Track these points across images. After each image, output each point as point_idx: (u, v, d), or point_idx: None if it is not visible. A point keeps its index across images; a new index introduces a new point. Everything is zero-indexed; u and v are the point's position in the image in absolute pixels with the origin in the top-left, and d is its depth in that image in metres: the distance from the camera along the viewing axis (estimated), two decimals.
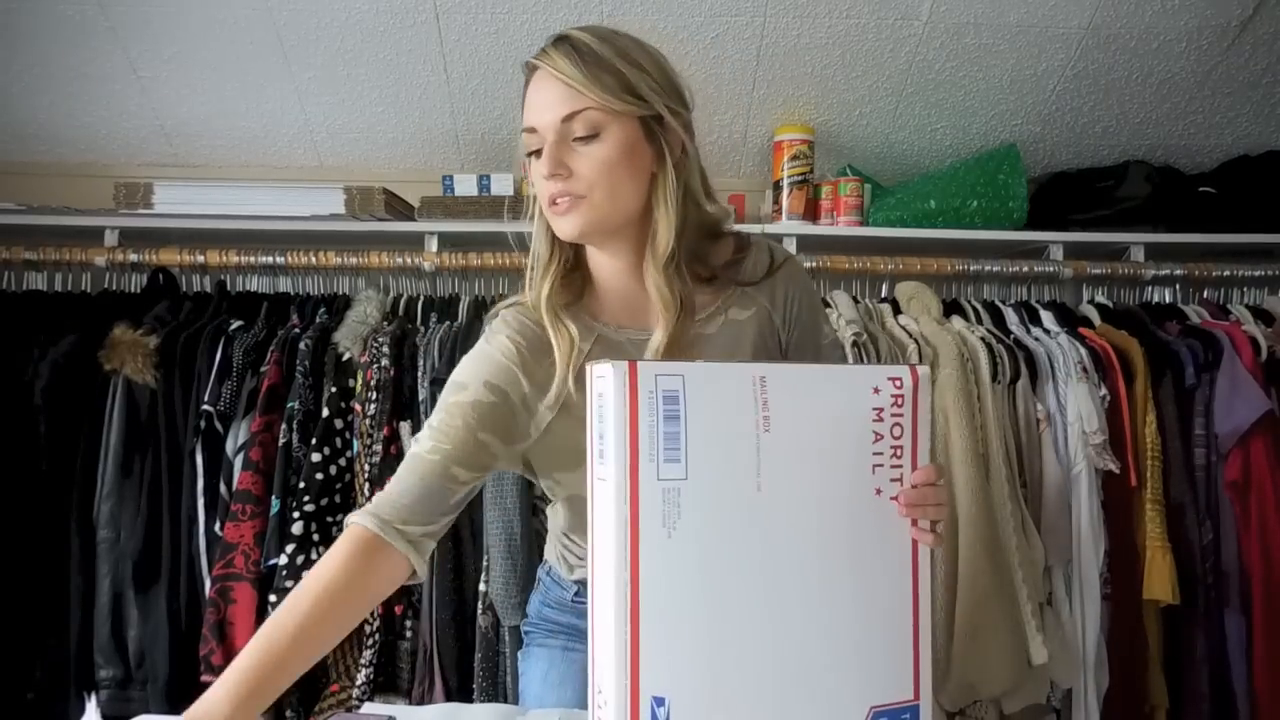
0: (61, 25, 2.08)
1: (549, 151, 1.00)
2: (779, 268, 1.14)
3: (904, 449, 0.86)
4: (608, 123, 1.00)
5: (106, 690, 1.84)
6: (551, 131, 1.01)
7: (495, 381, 1.06)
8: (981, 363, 1.92)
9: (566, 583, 1.25)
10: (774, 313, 1.14)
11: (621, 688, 0.77)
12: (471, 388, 1.06)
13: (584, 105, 0.99)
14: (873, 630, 0.85)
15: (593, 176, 1.00)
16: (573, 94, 0.99)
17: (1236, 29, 2.15)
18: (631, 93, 1.00)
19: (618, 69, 1.00)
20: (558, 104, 1.00)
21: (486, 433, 1.04)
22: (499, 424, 1.05)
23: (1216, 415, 1.96)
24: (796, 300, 1.14)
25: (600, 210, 1.02)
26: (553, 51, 1.02)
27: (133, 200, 2.12)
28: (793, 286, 1.15)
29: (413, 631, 1.85)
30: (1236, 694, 1.91)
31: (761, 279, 1.13)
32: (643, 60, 1.03)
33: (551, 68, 1.01)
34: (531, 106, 1.04)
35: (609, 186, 1.01)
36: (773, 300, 1.13)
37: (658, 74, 1.04)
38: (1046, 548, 1.88)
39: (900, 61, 2.20)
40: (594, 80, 0.99)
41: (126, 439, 1.89)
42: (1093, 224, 2.29)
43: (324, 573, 0.97)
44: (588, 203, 1.01)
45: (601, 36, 1.02)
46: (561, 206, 1.02)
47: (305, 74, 2.20)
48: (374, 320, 2.02)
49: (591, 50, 1.00)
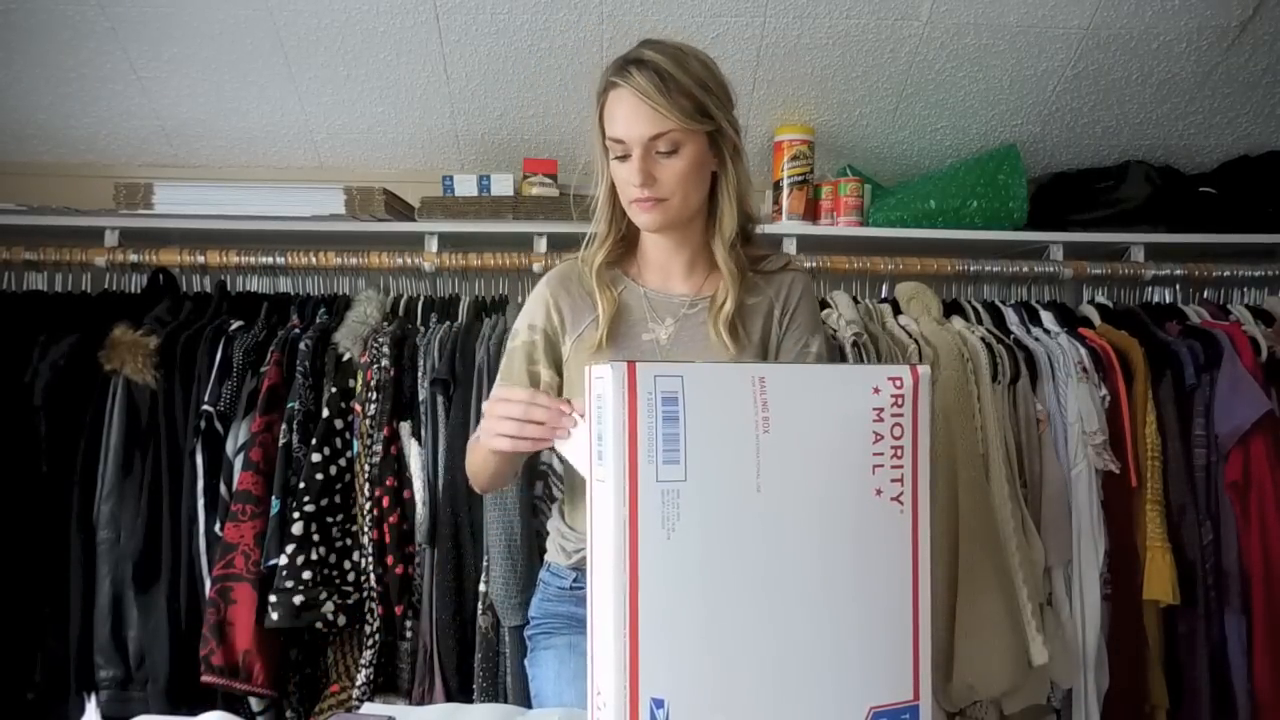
0: (61, 25, 2.08)
1: (639, 164, 1.19)
2: (792, 269, 1.36)
3: (904, 449, 0.86)
4: (685, 140, 1.20)
5: (106, 690, 1.84)
6: (639, 146, 1.19)
7: (535, 322, 1.33)
8: (981, 363, 1.92)
9: (564, 570, 1.32)
10: (776, 306, 1.32)
11: (621, 689, 0.77)
12: (521, 333, 1.33)
13: (668, 128, 1.18)
14: (872, 630, 0.85)
15: (673, 184, 1.21)
16: (658, 117, 1.17)
17: (1236, 29, 2.14)
18: (704, 114, 1.20)
19: (693, 93, 1.19)
20: (645, 123, 1.18)
21: (536, 365, 1.31)
22: (546, 354, 1.32)
23: (1216, 415, 1.96)
24: (798, 304, 1.33)
25: (677, 210, 1.24)
26: (637, 74, 1.18)
27: (133, 200, 2.12)
28: (798, 289, 1.33)
29: (413, 632, 1.85)
30: (1236, 694, 1.91)
31: (775, 270, 1.34)
32: (708, 80, 1.21)
33: (639, 91, 1.17)
34: (619, 120, 1.20)
35: (684, 192, 1.22)
36: (778, 295, 1.32)
37: (718, 89, 1.23)
38: (1046, 548, 1.88)
39: (900, 61, 2.20)
40: (675, 106, 1.17)
41: (127, 439, 1.89)
42: (1093, 224, 2.29)
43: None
44: (668, 204, 1.22)
45: (674, 59, 1.19)
46: (646, 206, 1.22)
47: (305, 74, 2.20)
48: (374, 320, 2.02)
49: (671, 76, 1.18)
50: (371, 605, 1.82)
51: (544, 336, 1.31)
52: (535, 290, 1.36)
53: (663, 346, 1.27)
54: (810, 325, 1.33)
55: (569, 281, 1.33)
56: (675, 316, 1.29)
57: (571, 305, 1.31)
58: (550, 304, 1.32)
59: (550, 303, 1.32)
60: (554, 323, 1.31)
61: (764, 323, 1.31)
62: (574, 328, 1.30)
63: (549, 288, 1.34)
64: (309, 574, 1.75)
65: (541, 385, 1.31)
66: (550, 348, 1.32)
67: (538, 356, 1.31)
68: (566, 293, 1.32)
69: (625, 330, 1.28)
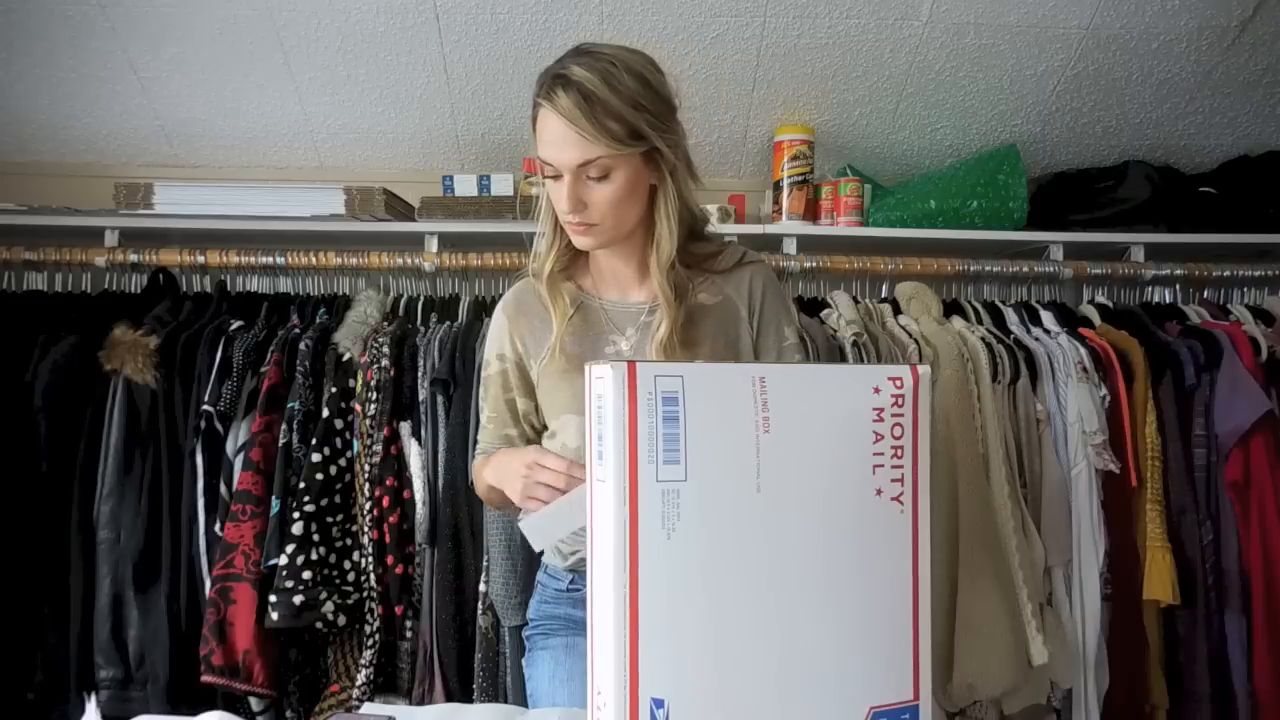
0: (61, 25, 2.08)
1: (567, 191, 1.15)
2: (749, 262, 1.31)
3: (904, 449, 0.86)
4: (616, 165, 1.14)
5: (106, 691, 1.84)
6: (568, 172, 1.14)
7: (502, 351, 1.32)
8: (981, 363, 1.92)
9: (561, 572, 1.32)
10: (740, 304, 1.29)
11: (621, 689, 0.77)
12: (492, 363, 1.34)
13: (596, 155, 1.12)
14: (872, 630, 0.85)
15: (604, 209, 1.17)
16: (585, 143, 1.12)
17: (1236, 29, 2.15)
18: (635, 136, 1.13)
19: (623, 116, 1.11)
20: (572, 149, 1.12)
21: (511, 393, 1.33)
22: (518, 382, 1.32)
23: (1216, 415, 1.96)
24: (764, 299, 1.29)
25: (609, 233, 1.20)
26: (562, 95, 1.11)
27: (133, 200, 2.12)
28: (759, 282, 1.30)
29: (413, 632, 1.85)
30: (1236, 694, 1.91)
31: (730, 268, 1.29)
32: (641, 97, 1.13)
33: (564, 116, 1.11)
34: (547, 143, 1.15)
35: (617, 216, 1.18)
36: (739, 292, 1.29)
37: (653, 105, 1.15)
38: (1046, 548, 1.88)
39: (900, 61, 2.20)
40: (603, 131, 1.11)
41: (127, 439, 1.89)
42: (1093, 224, 2.29)
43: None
44: (600, 228, 1.19)
45: (604, 76, 1.11)
46: (579, 230, 1.19)
47: (305, 74, 2.20)
48: (374, 320, 2.02)
49: (597, 97, 1.10)
50: (371, 605, 1.82)
51: (513, 365, 1.32)
52: (494, 318, 1.35)
53: (626, 357, 1.26)
54: (781, 316, 1.31)
55: (524, 304, 1.32)
56: (635, 325, 1.27)
57: (530, 330, 1.30)
58: (510, 333, 1.32)
59: (510, 331, 1.32)
60: (518, 350, 1.31)
61: (729, 323, 1.28)
62: (537, 353, 1.29)
63: (506, 315, 1.33)
64: (309, 574, 1.75)
65: (520, 413, 1.33)
66: (521, 374, 1.32)
67: (511, 385, 1.32)
68: (524, 316, 1.31)
69: (589, 345, 1.27)
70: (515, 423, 1.34)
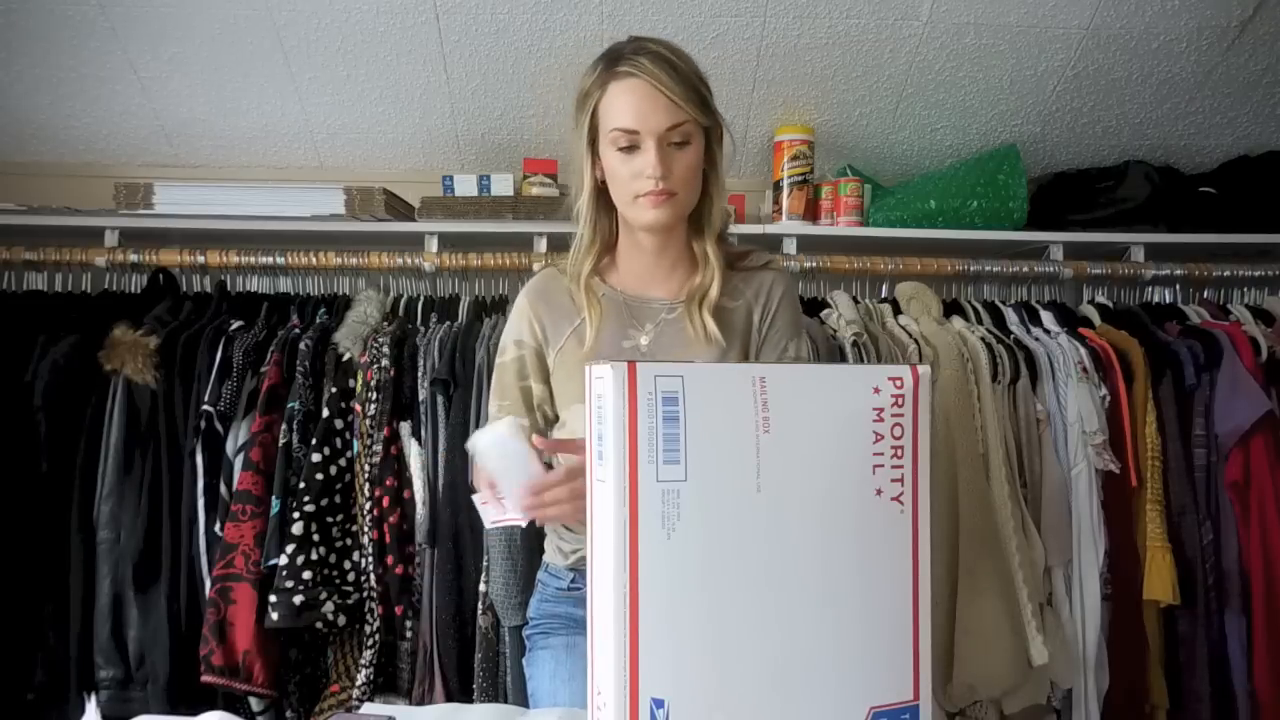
0: (61, 25, 2.08)
1: (658, 155, 1.16)
2: (774, 268, 1.33)
3: (904, 449, 0.86)
4: (694, 132, 1.19)
5: (106, 691, 1.84)
6: (652, 136, 1.16)
7: (521, 337, 1.32)
8: (981, 363, 1.92)
9: (562, 571, 1.32)
10: (755, 308, 1.29)
11: (621, 689, 0.77)
12: (509, 349, 1.33)
13: (683, 119, 1.17)
14: (872, 630, 0.85)
15: (684, 177, 1.19)
16: (674, 108, 1.16)
17: (1236, 29, 2.14)
18: (708, 109, 1.20)
19: (697, 86, 1.18)
20: (662, 113, 1.16)
21: (527, 379, 1.32)
22: (535, 369, 1.31)
23: (1217, 415, 1.96)
24: (778, 307, 1.30)
25: (683, 204, 1.22)
26: (649, 62, 1.16)
27: (133, 200, 2.12)
28: (778, 290, 1.31)
29: (413, 632, 1.85)
30: (1236, 694, 1.91)
31: (755, 268, 1.31)
32: (703, 75, 1.21)
33: (654, 80, 1.15)
34: (628, 110, 1.17)
35: (692, 186, 1.22)
36: (756, 297, 1.30)
37: (708, 87, 1.22)
38: (1046, 548, 1.88)
39: (900, 62, 2.20)
40: (689, 95, 1.16)
41: (127, 439, 1.89)
42: (1093, 224, 2.29)
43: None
44: (678, 199, 1.20)
45: (675, 51, 1.18)
46: (659, 199, 1.18)
47: (305, 74, 2.20)
48: (374, 320, 2.02)
49: (678, 66, 1.17)
50: (371, 605, 1.82)
51: (531, 352, 1.32)
52: (516, 304, 1.35)
53: (644, 352, 1.26)
54: (790, 329, 1.31)
55: (548, 293, 1.33)
56: (655, 321, 1.28)
57: (552, 318, 1.31)
58: (531, 318, 1.32)
59: (531, 316, 1.32)
60: (537, 336, 1.31)
61: (743, 326, 1.29)
62: (555, 341, 1.30)
63: (529, 301, 1.33)
64: (309, 574, 1.75)
65: (535, 400, 1.32)
66: (538, 362, 1.32)
67: (527, 372, 1.32)
68: (546, 305, 1.31)
69: (606, 338, 1.27)
70: (529, 411, 1.33)
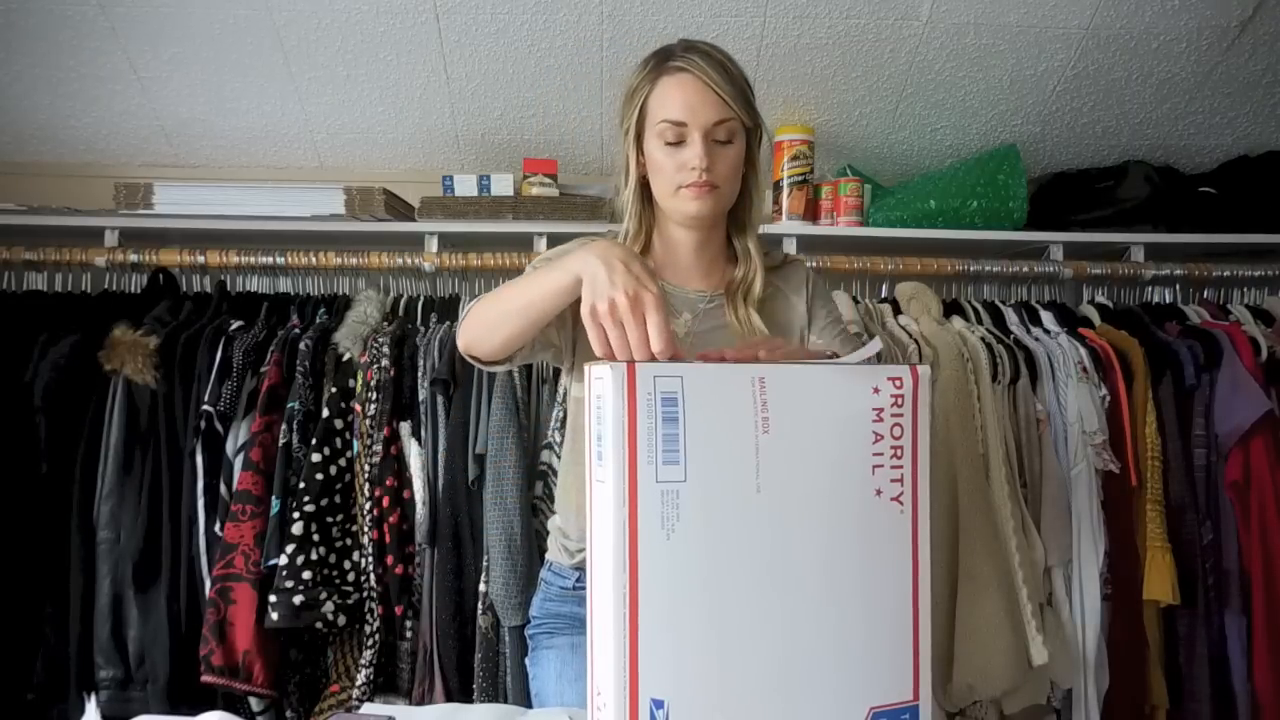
0: (61, 25, 2.08)
1: (704, 148, 1.20)
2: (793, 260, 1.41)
3: (904, 449, 0.86)
4: (738, 131, 1.23)
5: (106, 690, 1.84)
6: (699, 130, 1.20)
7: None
8: (981, 363, 1.92)
9: (566, 570, 1.31)
10: (793, 294, 1.35)
11: (621, 690, 0.77)
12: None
13: (730, 116, 1.20)
14: (872, 631, 0.85)
15: (726, 172, 1.23)
16: (722, 104, 1.20)
17: (1236, 29, 2.14)
18: (752, 110, 1.24)
19: (744, 87, 1.23)
20: (711, 108, 1.20)
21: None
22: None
23: (1217, 415, 1.96)
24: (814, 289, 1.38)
25: (725, 199, 1.26)
26: (701, 60, 1.20)
27: (133, 200, 2.12)
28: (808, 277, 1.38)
29: (413, 632, 1.85)
30: (1236, 694, 1.91)
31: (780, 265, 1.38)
32: (750, 80, 1.25)
33: (705, 76, 1.19)
34: (678, 103, 1.21)
35: (734, 181, 1.26)
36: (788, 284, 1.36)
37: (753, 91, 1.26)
38: (1046, 548, 1.88)
39: (900, 61, 2.20)
40: (737, 94, 1.21)
41: (127, 439, 1.89)
42: (1093, 224, 2.29)
43: None
44: (720, 192, 1.23)
45: (724, 54, 1.23)
46: (702, 190, 1.21)
47: (305, 74, 2.20)
48: (374, 320, 2.02)
49: (728, 66, 1.22)
50: (371, 605, 1.82)
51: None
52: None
53: (681, 339, 1.26)
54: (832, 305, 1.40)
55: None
56: (693, 311, 1.29)
57: None
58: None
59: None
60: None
61: (785, 317, 1.34)
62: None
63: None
64: (309, 574, 1.75)
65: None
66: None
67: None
68: None
69: None
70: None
